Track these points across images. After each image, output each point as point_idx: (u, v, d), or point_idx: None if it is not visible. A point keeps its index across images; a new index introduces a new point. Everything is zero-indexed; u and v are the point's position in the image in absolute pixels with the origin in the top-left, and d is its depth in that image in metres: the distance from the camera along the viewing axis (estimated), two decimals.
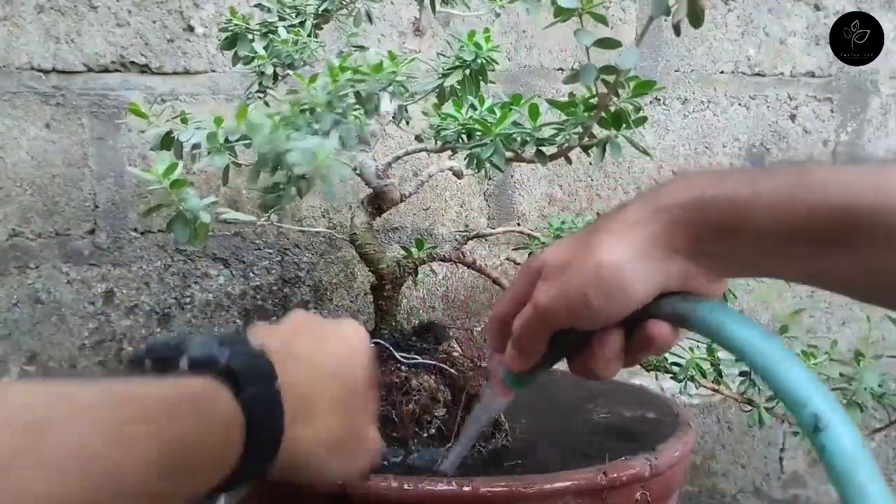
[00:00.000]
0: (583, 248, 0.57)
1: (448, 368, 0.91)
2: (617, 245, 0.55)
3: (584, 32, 0.63)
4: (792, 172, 0.51)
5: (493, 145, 0.76)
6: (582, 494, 0.79)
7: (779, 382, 0.51)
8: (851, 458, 0.47)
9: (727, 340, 0.55)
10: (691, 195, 0.53)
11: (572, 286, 0.57)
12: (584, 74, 0.65)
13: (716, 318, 0.55)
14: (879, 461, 1.78)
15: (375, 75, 0.75)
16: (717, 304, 0.57)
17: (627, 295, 0.56)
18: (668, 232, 0.54)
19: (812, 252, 0.50)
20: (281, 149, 0.65)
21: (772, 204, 0.50)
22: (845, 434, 0.47)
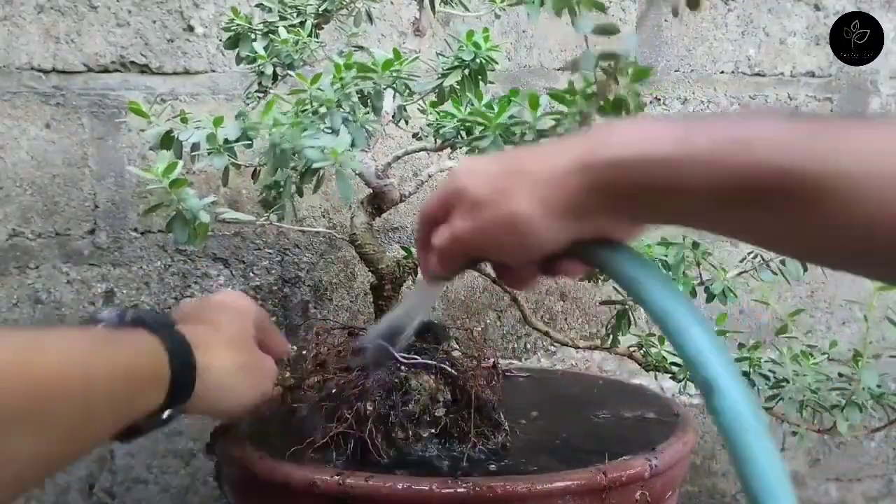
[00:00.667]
0: (501, 190, 0.58)
1: (448, 368, 0.91)
2: (531, 199, 0.56)
3: (582, 20, 0.63)
4: (722, 128, 0.50)
5: (492, 138, 0.76)
6: (582, 494, 0.79)
7: (678, 342, 0.52)
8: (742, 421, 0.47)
9: (637, 294, 0.56)
10: (616, 155, 0.53)
11: (486, 229, 0.59)
12: (583, 61, 0.65)
13: (628, 272, 0.57)
14: (879, 461, 1.78)
15: (383, 73, 0.75)
16: (633, 256, 0.57)
17: (538, 247, 0.58)
18: (585, 193, 0.54)
19: (745, 213, 0.50)
20: (298, 145, 0.65)
21: (698, 163, 0.49)
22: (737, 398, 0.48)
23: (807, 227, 0.48)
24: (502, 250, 0.60)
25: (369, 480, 0.77)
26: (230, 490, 0.93)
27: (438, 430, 0.89)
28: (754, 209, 0.49)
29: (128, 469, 1.43)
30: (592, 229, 0.57)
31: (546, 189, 0.55)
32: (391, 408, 0.86)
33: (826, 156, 0.45)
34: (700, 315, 0.53)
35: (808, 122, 0.49)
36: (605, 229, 0.57)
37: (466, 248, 0.62)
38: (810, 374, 0.96)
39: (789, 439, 1.73)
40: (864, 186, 0.44)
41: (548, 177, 0.55)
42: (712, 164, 0.49)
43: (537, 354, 1.57)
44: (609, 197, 0.53)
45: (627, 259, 0.57)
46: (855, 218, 0.45)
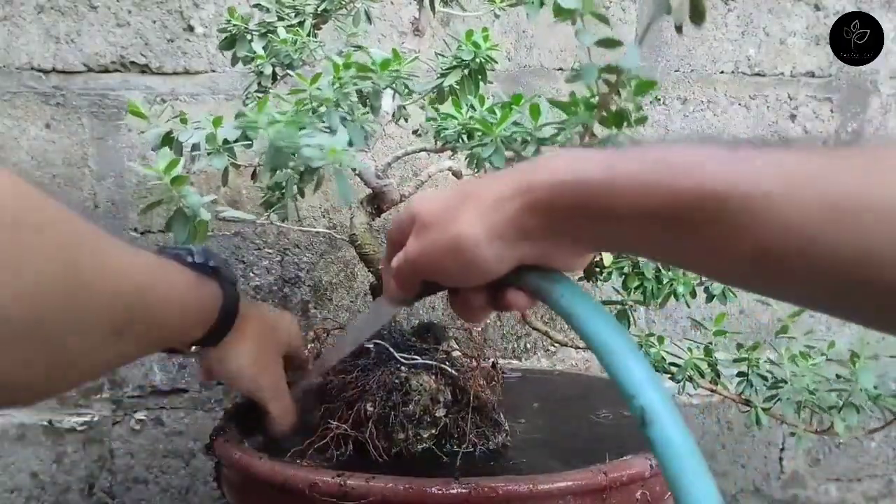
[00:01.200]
0: (447, 214, 0.60)
1: (448, 369, 0.91)
2: (475, 222, 0.58)
3: (584, 32, 0.63)
4: (649, 154, 0.51)
5: (493, 145, 0.76)
6: (583, 494, 0.79)
7: (614, 373, 0.53)
8: (677, 450, 0.48)
9: (574, 324, 0.57)
10: (550, 178, 0.54)
11: (433, 251, 0.61)
12: (585, 74, 0.65)
13: (566, 303, 0.58)
14: (879, 461, 1.78)
15: (382, 72, 0.75)
16: (571, 288, 0.59)
17: (482, 269, 0.59)
18: (526, 214, 0.56)
19: (666, 235, 0.51)
20: (294, 144, 0.66)
21: (624, 187, 0.51)
22: (671, 427, 0.49)
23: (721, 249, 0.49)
24: (449, 272, 0.62)
25: (370, 481, 0.77)
26: (230, 491, 0.93)
27: (438, 430, 0.89)
28: (675, 231, 0.50)
29: (128, 469, 1.43)
30: (537, 254, 0.59)
31: (489, 212, 0.57)
32: (391, 408, 0.86)
33: (737, 179, 0.46)
34: (635, 346, 0.54)
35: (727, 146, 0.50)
36: (548, 255, 0.59)
37: (417, 271, 0.65)
38: (808, 375, 0.96)
39: (789, 439, 1.74)
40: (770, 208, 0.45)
41: (492, 200, 0.57)
42: (636, 187, 0.50)
43: (537, 354, 1.57)
44: (547, 219, 0.55)
45: (566, 289, 0.59)
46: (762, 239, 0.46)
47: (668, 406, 0.50)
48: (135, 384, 1.41)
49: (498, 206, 0.57)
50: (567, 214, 0.54)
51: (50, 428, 1.40)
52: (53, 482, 1.40)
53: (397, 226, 0.68)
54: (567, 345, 1.11)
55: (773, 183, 0.45)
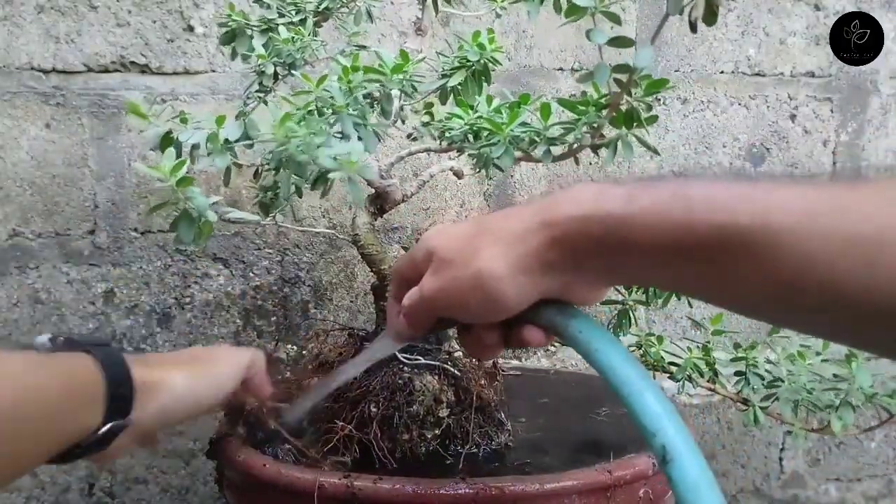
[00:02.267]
0: (468, 249, 0.60)
1: (451, 369, 0.91)
2: (498, 256, 0.57)
3: (597, 31, 0.63)
4: (669, 188, 0.52)
5: (503, 145, 0.76)
6: (587, 493, 0.79)
7: (633, 410, 0.53)
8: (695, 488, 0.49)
9: (592, 361, 0.57)
10: (574, 212, 0.54)
11: (453, 287, 0.60)
12: (597, 73, 0.65)
13: (584, 338, 0.58)
14: (879, 461, 1.78)
15: (393, 76, 0.75)
16: (588, 323, 0.59)
17: (503, 305, 0.59)
18: (549, 248, 0.56)
19: (687, 268, 0.51)
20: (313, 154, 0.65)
21: (646, 222, 0.51)
22: (691, 465, 0.49)
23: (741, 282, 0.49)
24: (469, 308, 0.61)
25: (377, 483, 0.77)
26: (232, 493, 0.93)
27: (442, 430, 0.89)
28: (695, 264, 0.50)
29: (128, 469, 1.42)
30: (557, 288, 0.59)
31: (511, 246, 0.57)
32: (395, 409, 0.86)
33: (757, 213, 0.47)
34: (654, 383, 0.54)
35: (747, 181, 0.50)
36: (568, 289, 0.59)
37: (434, 308, 0.64)
38: (805, 374, 0.96)
39: (789, 439, 1.74)
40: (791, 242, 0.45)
41: (513, 235, 0.57)
42: (656, 221, 0.51)
43: (537, 354, 1.58)
44: (570, 252, 0.55)
45: (583, 325, 0.59)
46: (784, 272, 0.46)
47: (690, 444, 0.50)
48: None
49: (521, 239, 0.57)
50: (590, 248, 0.54)
51: None
52: (53, 482, 1.39)
53: (409, 262, 0.67)
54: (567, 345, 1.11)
55: (795, 217, 0.46)
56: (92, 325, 1.37)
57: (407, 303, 0.66)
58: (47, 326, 1.35)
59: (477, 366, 0.94)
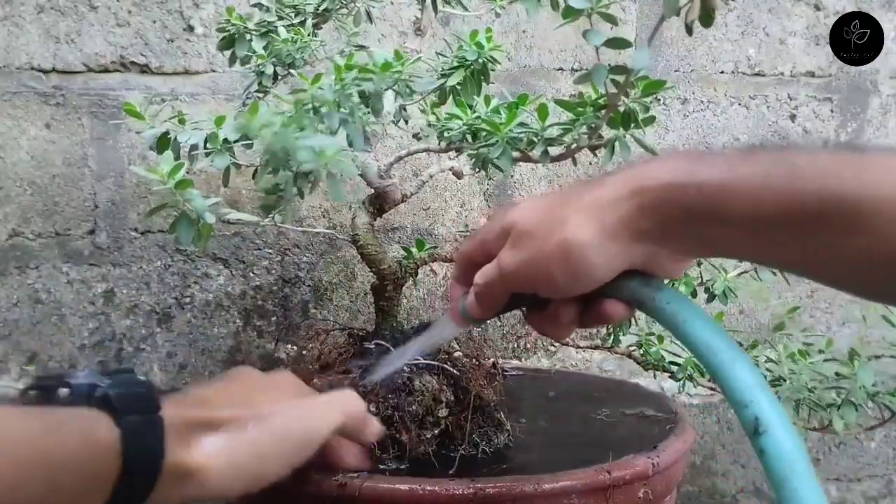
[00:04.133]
0: (553, 219, 0.58)
1: (450, 368, 0.91)
2: (585, 224, 0.55)
3: (593, 33, 0.63)
4: (769, 157, 0.51)
5: (501, 145, 0.76)
6: (587, 493, 0.79)
7: (724, 381, 0.52)
8: (789, 462, 0.47)
9: (680, 333, 0.56)
10: (667, 179, 0.53)
11: (538, 259, 0.58)
12: (595, 75, 0.65)
13: (671, 309, 0.56)
14: (879, 461, 1.78)
15: (383, 74, 0.75)
16: (675, 295, 0.57)
17: (591, 275, 0.57)
18: (640, 215, 0.54)
19: (785, 238, 0.50)
20: (290, 146, 0.65)
21: (747, 190, 0.50)
22: (784, 438, 0.48)
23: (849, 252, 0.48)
24: (553, 281, 0.58)
25: (374, 482, 0.77)
26: None
27: (441, 430, 0.89)
28: (798, 235, 0.49)
29: None
30: (644, 259, 0.57)
31: (601, 213, 0.55)
32: (394, 409, 0.86)
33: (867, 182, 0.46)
34: (744, 353, 0.53)
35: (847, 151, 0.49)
36: (653, 261, 0.57)
37: (514, 283, 0.61)
38: (807, 373, 0.96)
39: None
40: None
41: (601, 202, 0.56)
42: (759, 190, 0.49)
43: (537, 354, 1.57)
44: (661, 220, 0.54)
45: (671, 296, 0.57)
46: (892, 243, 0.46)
47: (783, 415, 0.49)
48: None
49: (611, 206, 0.55)
50: (683, 217, 0.53)
51: None
52: None
53: (479, 243, 0.65)
54: (568, 344, 1.11)
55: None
56: (92, 325, 1.37)
57: (480, 280, 0.64)
58: (47, 326, 1.35)
59: (477, 366, 0.94)
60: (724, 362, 0.52)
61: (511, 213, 0.62)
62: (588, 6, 0.63)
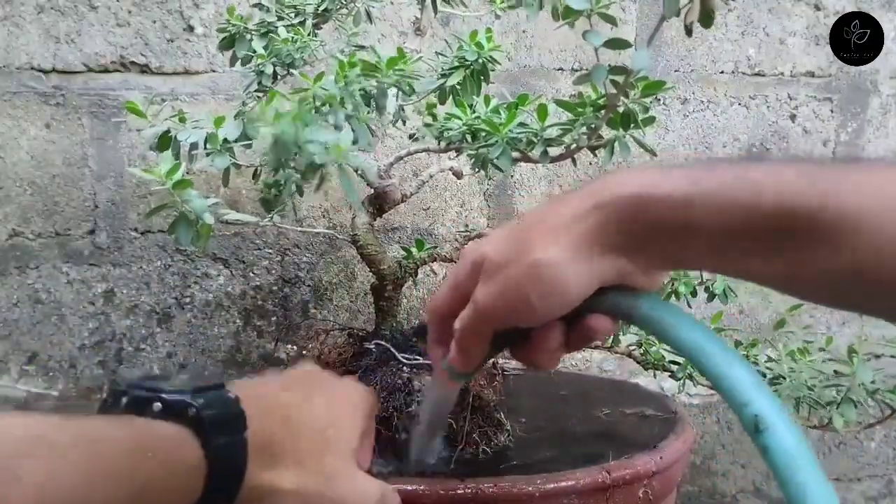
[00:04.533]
0: (520, 244, 0.57)
1: None
2: (553, 243, 0.55)
3: (593, 33, 0.63)
4: (732, 170, 0.50)
5: (500, 146, 0.76)
6: (587, 493, 0.79)
7: (721, 382, 0.51)
8: (793, 457, 0.47)
9: (669, 338, 0.55)
10: (630, 192, 0.53)
11: (511, 287, 0.57)
12: (595, 75, 0.65)
13: (657, 316, 0.56)
14: (879, 461, 1.78)
15: (388, 70, 0.75)
16: (658, 301, 0.57)
17: (565, 293, 0.56)
18: (605, 230, 0.54)
19: (749, 251, 0.50)
20: (301, 139, 0.64)
21: (709, 203, 0.49)
22: (786, 434, 0.48)
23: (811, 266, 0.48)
24: (530, 306, 0.57)
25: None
26: None
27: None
28: (761, 249, 0.49)
29: None
30: (615, 273, 0.56)
31: (566, 231, 0.55)
32: (395, 409, 0.86)
33: (829, 195, 0.46)
34: (737, 352, 0.52)
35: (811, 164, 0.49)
36: (625, 275, 0.57)
37: (493, 318, 0.60)
38: (806, 371, 0.96)
39: None
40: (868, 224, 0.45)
41: (567, 220, 0.55)
42: (723, 204, 0.49)
43: None
44: (628, 234, 0.53)
45: (652, 303, 0.57)
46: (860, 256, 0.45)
47: (782, 412, 0.49)
48: None
49: (576, 222, 0.54)
50: (649, 228, 0.52)
51: None
52: None
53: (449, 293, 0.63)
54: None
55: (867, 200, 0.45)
56: (92, 325, 1.37)
57: (458, 325, 0.62)
58: (47, 326, 1.35)
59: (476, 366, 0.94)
60: (719, 364, 0.51)
61: (478, 248, 0.61)
62: (588, 7, 0.63)
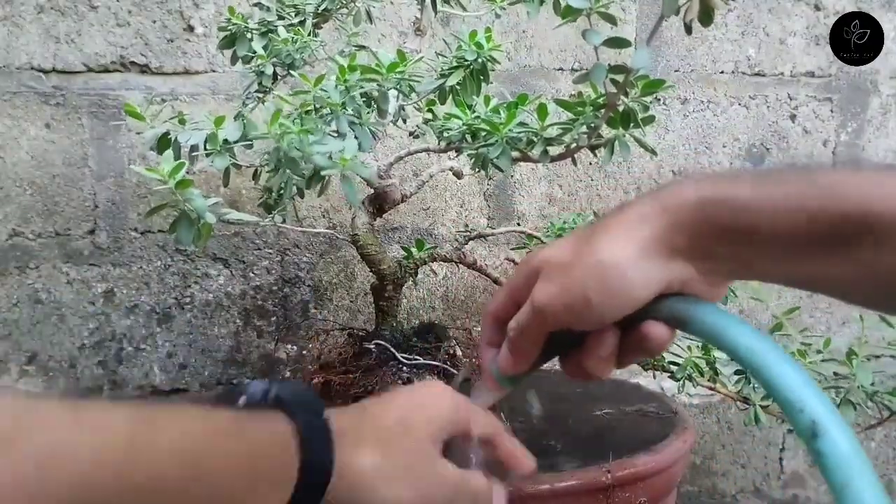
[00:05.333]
0: (584, 246, 0.57)
1: (450, 369, 0.91)
2: (619, 244, 0.55)
3: (593, 32, 0.63)
4: (798, 176, 0.51)
5: (500, 145, 0.76)
6: (587, 493, 0.79)
7: (776, 387, 0.51)
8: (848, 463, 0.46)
9: (725, 344, 0.54)
10: (697, 196, 0.53)
11: (573, 285, 0.57)
12: (594, 74, 0.65)
13: (714, 322, 0.55)
14: (879, 461, 1.78)
15: (389, 74, 0.75)
16: (715, 307, 0.56)
17: (629, 294, 0.55)
18: (672, 232, 0.54)
19: (816, 257, 0.50)
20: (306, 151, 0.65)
21: (779, 207, 0.50)
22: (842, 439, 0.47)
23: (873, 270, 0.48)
24: (590, 306, 0.56)
25: None
26: None
27: None
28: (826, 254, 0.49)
29: None
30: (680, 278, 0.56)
31: (632, 233, 0.55)
32: None
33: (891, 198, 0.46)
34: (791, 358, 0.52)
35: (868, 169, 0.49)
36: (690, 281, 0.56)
37: (550, 318, 0.59)
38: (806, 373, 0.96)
39: (789, 439, 1.74)
40: None
41: (633, 222, 0.55)
42: (786, 207, 0.49)
43: None
44: (694, 237, 0.53)
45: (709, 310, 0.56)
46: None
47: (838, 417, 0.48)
48: (135, 384, 1.41)
49: (643, 224, 0.54)
50: (715, 234, 0.52)
51: None
52: None
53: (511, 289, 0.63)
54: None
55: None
56: (92, 325, 1.37)
57: (514, 325, 0.62)
58: (47, 326, 1.35)
59: (477, 365, 0.94)
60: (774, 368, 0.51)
61: (538, 254, 0.61)
62: (588, 6, 0.63)
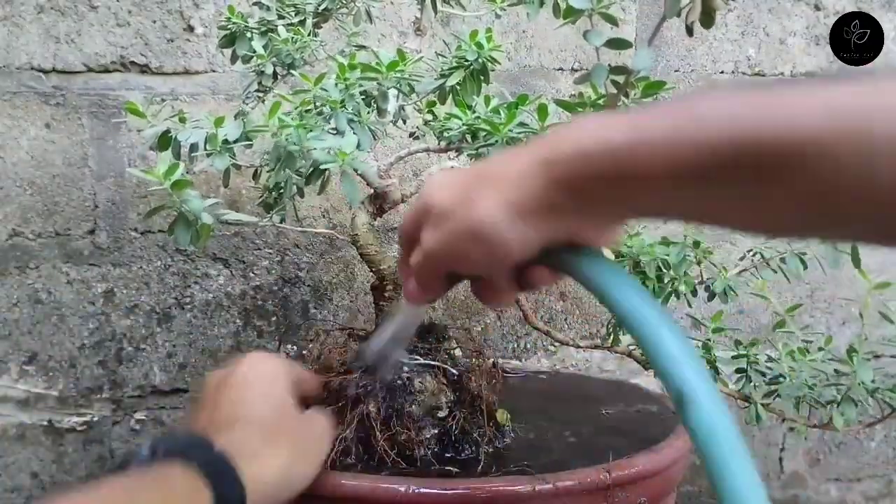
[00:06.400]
0: (466, 198, 0.56)
1: (450, 369, 0.91)
2: (497, 203, 0.54)
3: (594, 33, 0.63)
4: (674, 109, 0.49)
5: (500, 146, 0.76)
6: (587, 493, 0.79)
7: (651, 350, 0.50)
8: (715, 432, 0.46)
9: (608, 300, 0.54)
10: (574, 148, 0.51)
11: (453, 239, 0.57)
12: (595, 75, 0.65)
13: (598, 277, 0.55)
14: (879, 461, 1.78)
15: (388, 73, 0.75)
16: (602, 262, 0.56)
17: (506, 254, 0.56)
18: (551, 190, 0.52)
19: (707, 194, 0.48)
20: (304, 146, 0.65)
21: (654, 147, 0.47)
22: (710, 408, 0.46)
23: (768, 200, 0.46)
24: (472, 261, 0.58)
25: (373, 482, 0.77)
26: None
27: (441, 430, 0.89)
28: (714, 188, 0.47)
29: None
30: (563, 232, 0.55)
31: (510, 190, 0.54)
32: (394, 409, 0.86)
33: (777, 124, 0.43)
34: (672, 320, 0.51)
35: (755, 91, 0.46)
36: (575, 232, 0.56)
37: (438, 264, 0.61)
38: (806, 371, 0.96)
39: (789, 439, 1.74)
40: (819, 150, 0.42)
41: (511, 179, 0.54)
42: (667, 145, 0.47)
43: (537, 354, 1.57)
44: (573, 191, 0.52)
45: (595, 263, 0.56)
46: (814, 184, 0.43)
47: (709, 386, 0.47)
48: (135, 384, 1.41)
49: (519, 183, 0.53)
50: (594, 186, 0.51)
51: (50, 428, 1.39)
52: (53, 482, 1.39)
53: (410, 221, 0.64)
54: (568, 344, 1.10)
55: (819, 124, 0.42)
56: (92, 325, 1.37)
57: (413, 261, 0.64)
58: (47, 326, 1.35)
59: (477, 366, 0.94)
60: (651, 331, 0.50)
61: (428, 192, 0.61)
62: (588, 6, 0.63)
